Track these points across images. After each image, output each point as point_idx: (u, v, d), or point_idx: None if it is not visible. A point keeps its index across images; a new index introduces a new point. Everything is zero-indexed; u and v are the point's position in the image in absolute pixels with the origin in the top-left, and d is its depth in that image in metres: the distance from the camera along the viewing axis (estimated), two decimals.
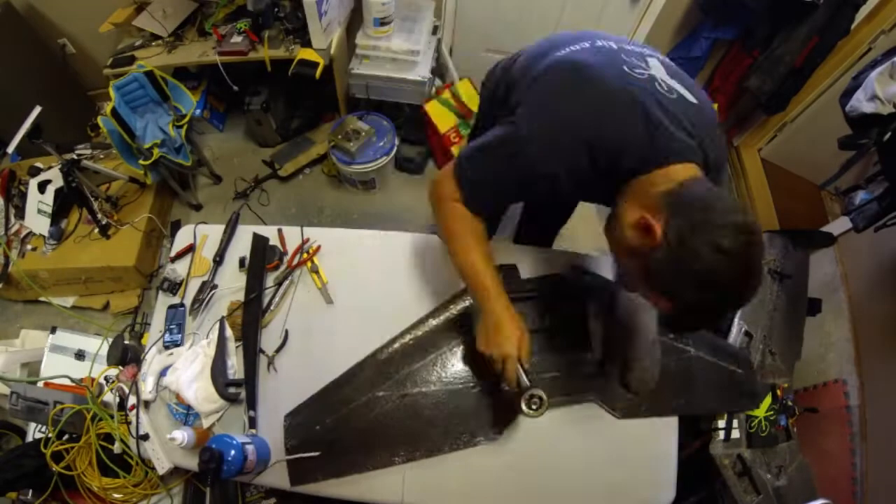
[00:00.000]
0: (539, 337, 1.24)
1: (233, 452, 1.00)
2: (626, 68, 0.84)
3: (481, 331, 0.99)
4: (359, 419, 1.14)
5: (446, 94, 2.61)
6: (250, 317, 1.28)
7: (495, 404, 1.16)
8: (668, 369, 1.20)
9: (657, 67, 0.87)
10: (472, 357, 1.18)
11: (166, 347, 1.27)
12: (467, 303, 1.25)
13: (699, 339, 1.29)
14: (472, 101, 2.69)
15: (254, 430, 1.17)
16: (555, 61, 0.89)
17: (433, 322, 1.25)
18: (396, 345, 1.23)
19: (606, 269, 1.32)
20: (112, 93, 2.02)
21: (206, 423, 1.18)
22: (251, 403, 1.19)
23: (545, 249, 1.43)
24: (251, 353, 1.23)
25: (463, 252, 0.98)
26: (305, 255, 1.37)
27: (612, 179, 0.84)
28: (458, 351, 1.20)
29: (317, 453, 1.10)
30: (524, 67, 1.00)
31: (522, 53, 1.09)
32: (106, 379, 1.39)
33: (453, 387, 1.17)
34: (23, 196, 2.22)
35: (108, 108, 1.97)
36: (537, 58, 0.95)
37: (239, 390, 1.20)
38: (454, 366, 1.19)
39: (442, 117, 2.57)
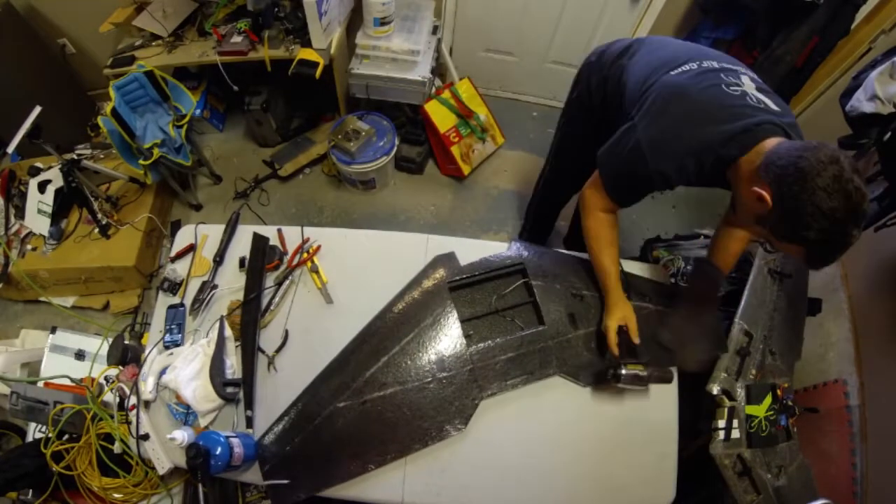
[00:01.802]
0: (490, 319, 1.29)
1: (219, 449, 1.01)
2: (723, 87, 1.04)
3: (604, 314, 1.25)
4: (325, 433, 1.14)
5: (446, 94, 2.61)
6: (249, 317, 1.28)
7: (453, 396, 1.17)
8: None
9: (748, 84, 1.06)
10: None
11: (166, 347, 1.27)
12: (409, 300, 1.27)
13: (654, 291, 1.36)
14: (472, 100, 2.69)
15: (250, 430, 1.17)
16: (664, 84, 1.10)
17: (379, 325, 1.26)
18: (349, 353, 1.23)
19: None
20: (112, 93, 2.02)
21: (203, 423, 1.18)
22: (248, 403, 1.19)
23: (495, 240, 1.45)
24: (249, 352, 1.24)
25: (598, 253, 1.25)
26: (305, 255, 1.38)
27: (720, 170, 1.03)
28: (409, 350, 1.21)
29: (286, 481, 1.10)
30: (641, 79, 1.18)
31: (635, 55, 1.27)
32: (106, 379, 1.39)
33: (409, 385, 1.17)
34: (23, 196, 2.22)
35: (108, 108, 1.97)
36: (653, 72, 1.15)
37: (237, 390, 1.20)
38: (407, 365, 1.20)
39: (442, 117, 2.57)
